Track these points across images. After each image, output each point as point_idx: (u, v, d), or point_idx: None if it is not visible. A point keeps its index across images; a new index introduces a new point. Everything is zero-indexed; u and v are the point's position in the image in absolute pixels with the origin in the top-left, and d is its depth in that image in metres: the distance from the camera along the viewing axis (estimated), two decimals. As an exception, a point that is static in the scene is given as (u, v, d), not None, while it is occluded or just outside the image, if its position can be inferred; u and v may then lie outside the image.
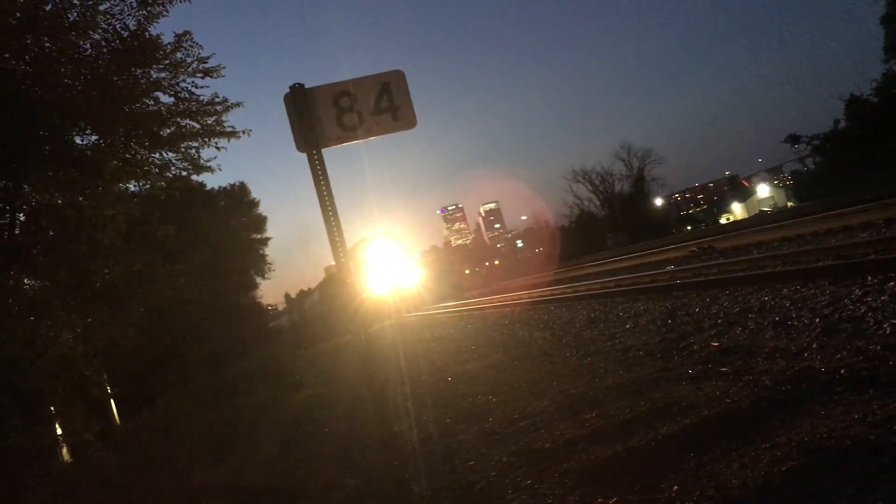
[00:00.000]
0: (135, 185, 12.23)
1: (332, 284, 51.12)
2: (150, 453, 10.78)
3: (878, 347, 5.26)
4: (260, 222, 47.04)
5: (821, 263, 9.84)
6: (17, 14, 9.70)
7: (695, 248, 22.95)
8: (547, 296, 20.02)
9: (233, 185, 44.68)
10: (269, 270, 48.37)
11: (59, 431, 10.18)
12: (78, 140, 10.79)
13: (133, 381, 12.29)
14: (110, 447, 11.03)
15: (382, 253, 35.91)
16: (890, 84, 42.12)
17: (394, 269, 36.36)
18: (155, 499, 7.77)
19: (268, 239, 47.85)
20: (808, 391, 4.79)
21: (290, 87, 4.91)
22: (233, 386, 17.80)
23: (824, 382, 4.86)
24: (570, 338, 10.57)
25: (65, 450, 10.65)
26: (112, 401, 14.35)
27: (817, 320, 6.70)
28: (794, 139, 50.73)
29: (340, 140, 4.90)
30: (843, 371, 4.95)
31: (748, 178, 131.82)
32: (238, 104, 11.65)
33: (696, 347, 7.32)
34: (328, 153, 4.90)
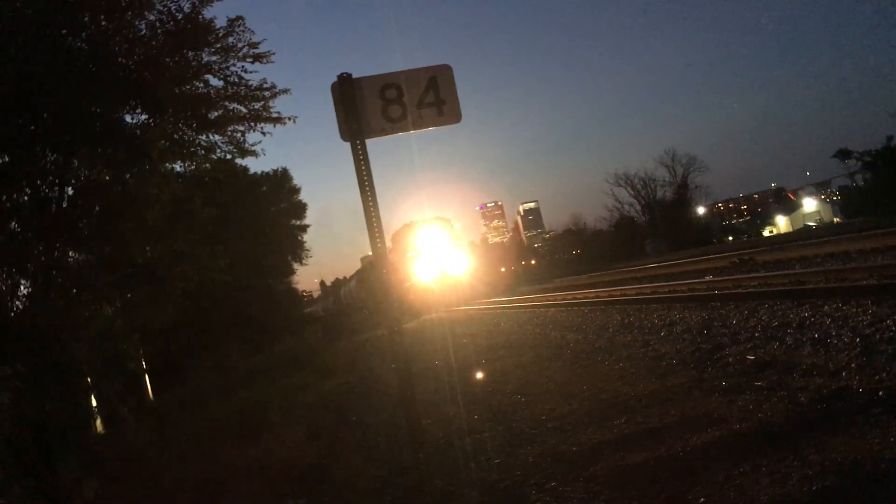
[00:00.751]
0: (180, 166, 12.43)
1: (372, 272, 49.32)
2: (181, 430, 10.96)
3: (920, 371, 5.14)
4: (300, 209, 47.41)
5: (865, 282, 9.63)
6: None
7: (736, 259, 22.63)
8: (581, 298, 19.89)
9: (275, 171, 45.07)
10: (307, 257, 48.79)
11: (94, 403, 10.39)
12: (128, 118, 11.01)
13: (169, 358, 12.49)
14: (143, 421, 11.23)
15: (431, 239, 34.05)
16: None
17: (443, 257, 33.88)
18: (184, 475, 7.90)
19: (307, 226, 48.26)
20: (844, 411, 4.71)
21: (337, 77, 4.93)
22: (266, 369, 18.01)
23: (861, 404, 4.76)
24: (603, 342, 10.49)
25: (98, 421, 10.87)
26: (147, 376, 14.59)
27: (858, 340, 6.56)
28: (844, 154, 49.78)
29: (385, 131, 4.91)
30: (881, 393, 4.85)
31: (794, 192, 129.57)
32: (286, 91, 11.77)
33: (730, 360, 7.22)
34: (372, 143, 4.92)
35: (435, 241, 33.99)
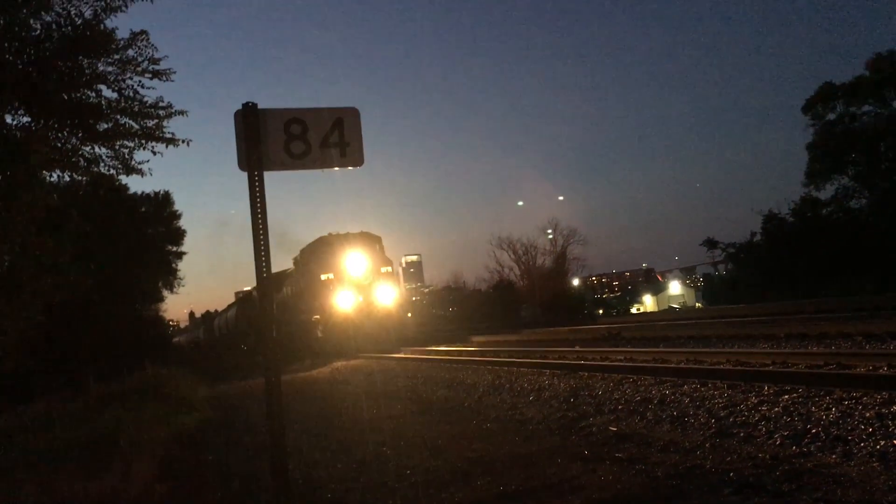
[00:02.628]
0: (59, 175, 11.83)
1: (252, 304, 42.20)
2: (18, 454, 10.21)
3: (767, 456, 5.45)
4: (178, 235, 45.83)
5: (721, 367, 10.16)
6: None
7: (605, 332, 23.45)
8: (454, 356, 20.04)
9: (157, 193, 43.51)
10: (180, 285, 47.06)
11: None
12: (9, 119, 10.43)
13: (19, 375, 11.66)
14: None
15: (355, 259, 28.36)
16: (806, 207, 44.53)
17: (370, 282, 28.33)
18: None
19: (183, 253, 46.65)
20: (696, 489, 4.91)
21: (242, 105, 4.88)
22: (122, 396, 17.08)
23: (713, 483, 4.99)
24: (473, 401, 10.58)
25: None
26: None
27: (713, 421, 6.90)
28: (711, 244, 52.81)
29: (285, 166, 4.88)
30: (731, 474, 5.10)
31: (663, 274, 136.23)
32: (182, 112, 11.48)
33: (594, 429, 7.44)
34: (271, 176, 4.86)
35: (359, 262, 28.37)
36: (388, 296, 28.51)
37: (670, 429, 6.97)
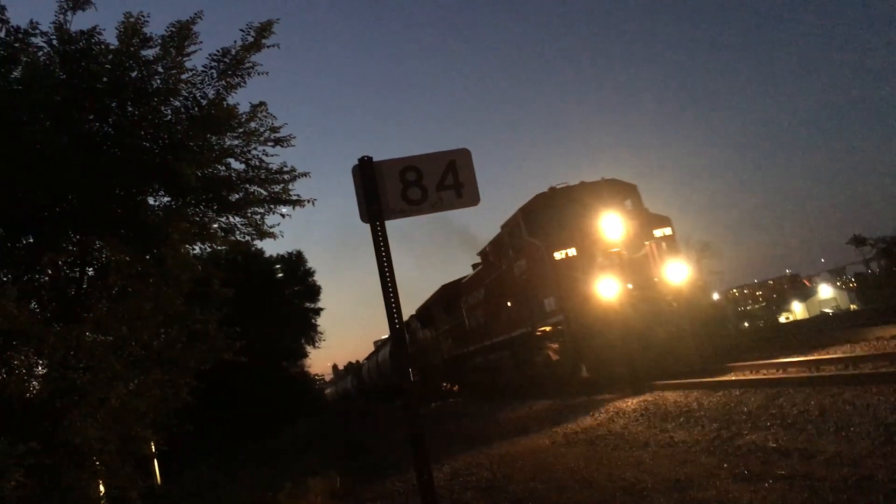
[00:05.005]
0: (199, 248, 12.55)
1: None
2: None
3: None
4: (314, 291, 47.41)
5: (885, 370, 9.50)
6: (105, 79, 10.23)
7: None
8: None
9: (290, 254, 45.24)
10: (321, 340, 48.51)
11: (101, 489, 10.22)
12: (151, 200, 11.21)
13: (179, 441, 12.33)
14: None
15: (611, 221, 17.10)
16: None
17: (640, 254, 17.00)
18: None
19: (321, 309, 48.15)
20: (869, 502, 4.58)
21: (358, 160, 5.04)
22: (279, 454, 17.70)
23: (887, 493, 4.64)
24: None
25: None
26: (156, 460, 14.39)
27: (881, 429, 6.43)
28: (859, 241, 49.69)
29: (404, 213, 5.00)
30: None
31: (809, 278, 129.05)
32: (305, 174, 11.97)
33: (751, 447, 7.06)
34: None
35: (617, 224, 17.06)
36: (679, 275, 16.88)
37: (834, 440, 6.54)
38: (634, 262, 17.01)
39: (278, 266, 42.98)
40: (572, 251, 17.62)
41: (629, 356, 15.82)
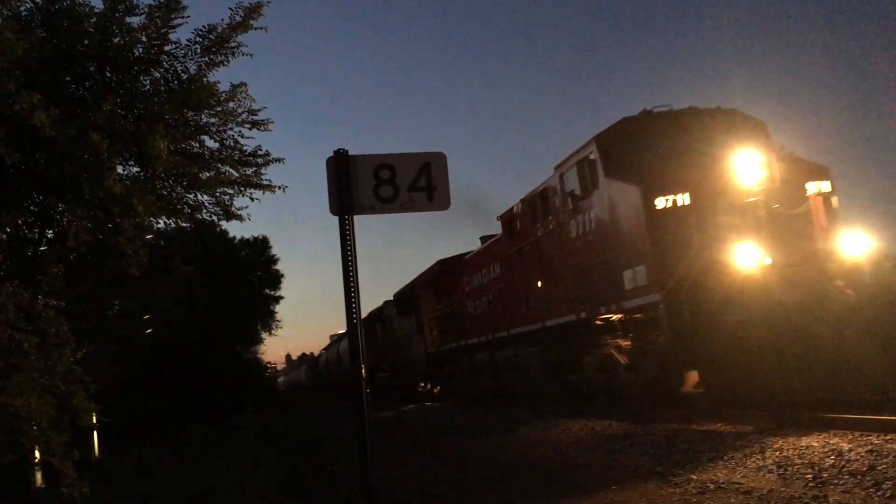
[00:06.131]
0: (164, 222, 12.42)
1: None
2: (123, 499, 10.48)
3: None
4: (276, 279, 47.17)
5: None
6: (86, 42, 10.08)
7: None
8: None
9: (255, 238, 44.94)
10: (277, 328, 48.34)
11: (37, 455, 10.02)
12: (120, 169, 11.06)
13: (122, 417, 12.12)
14: (88, 481, 10.84)
15: (748, 161, 11.10)
16: None
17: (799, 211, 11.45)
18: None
19: (281, 297, 47.93)
20: None
21: (333, 152, 5.02)
22: (226, 441, 17.46)
23: None
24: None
25: (39, 475, 10.46)
26: (96, 433, 14.13)
27: None
28: None
29: (374, 210, 5.00)
30: None
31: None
32: (279, 159, 11.91)
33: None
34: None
35: (757, 166, 11.11)
36: (857, 247, 11.06)
37: None
38: (785, 223, 11.36)
39: (243, 252, 42.67)
40: (684, 198, 11.88)
41: (779, 366, 9.71)
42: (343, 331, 50.68)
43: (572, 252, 14.82)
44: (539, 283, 16.76)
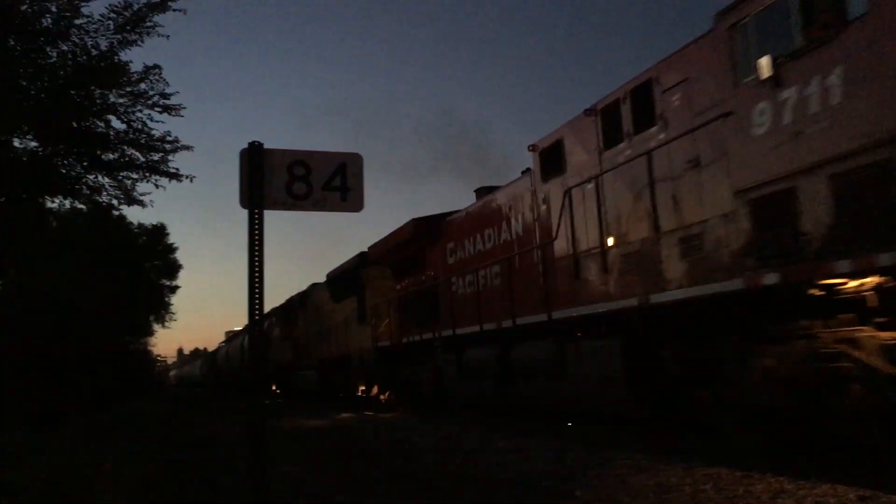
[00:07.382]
0: (60, 202, 11.96)
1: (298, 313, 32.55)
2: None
3: None
4: (173, 269, 45.72)
5: None
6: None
7: None
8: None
9: (154, 226, 43.39)
10: (171, 320, 46.96)
11: None
12: (16, 143, 10.56)
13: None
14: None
15: None
16: None
17: None
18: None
19: (177, 287, 46.52)
20: None
21: (248, 144, 4.96)
22: (108, 432, 16.71)
23: None
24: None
25: None
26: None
27: None
28: None
29: (286, 206, 4.96)
30: None
31: None
32: (188, 147, 11.65)
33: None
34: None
35: None
36: None
37: None
38: None
39: (143, 239, 41.15)
40: None
41: None
42: (239, 328, 49.61)
43: (758, 158, 7.42)
44: (644, 230, 9.31)
